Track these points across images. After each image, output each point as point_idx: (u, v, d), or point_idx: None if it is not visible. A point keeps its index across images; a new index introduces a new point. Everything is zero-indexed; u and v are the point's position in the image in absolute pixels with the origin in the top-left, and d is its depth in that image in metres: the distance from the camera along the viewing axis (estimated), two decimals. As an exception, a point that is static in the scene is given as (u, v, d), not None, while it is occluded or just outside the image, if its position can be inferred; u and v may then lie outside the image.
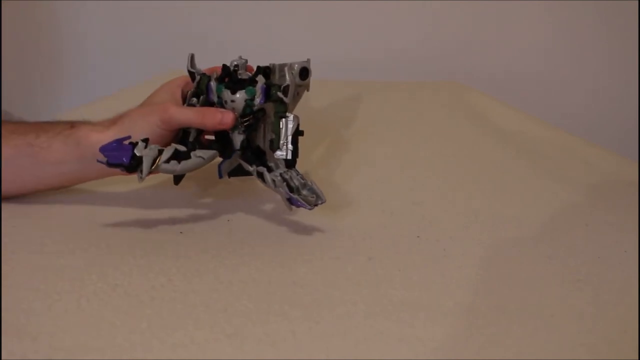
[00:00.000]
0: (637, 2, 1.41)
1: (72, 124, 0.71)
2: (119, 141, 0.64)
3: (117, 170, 0.64)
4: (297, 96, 0.73)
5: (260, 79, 0.69)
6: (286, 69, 0.71)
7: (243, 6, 1.36)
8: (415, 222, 0.75)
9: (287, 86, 0.69)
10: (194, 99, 0.72)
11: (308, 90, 0.74)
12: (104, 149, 0.63)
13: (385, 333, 0.54)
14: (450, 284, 0.62)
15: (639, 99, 1.47)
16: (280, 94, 0.69)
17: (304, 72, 0.72)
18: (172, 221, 0.72)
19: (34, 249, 0.63)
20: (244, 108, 0.69)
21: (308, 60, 0.72)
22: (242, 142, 0.70)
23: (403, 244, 0.70)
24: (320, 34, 1.41)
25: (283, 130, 0.69)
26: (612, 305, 0.60)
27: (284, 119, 0.69)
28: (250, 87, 0.69)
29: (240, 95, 0.69)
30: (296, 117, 0.69)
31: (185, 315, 0.54)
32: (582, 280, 0.64)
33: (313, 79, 0.73)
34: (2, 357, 0.47)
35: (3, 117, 1.02)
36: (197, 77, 0.72)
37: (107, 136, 0.68)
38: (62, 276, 0.59)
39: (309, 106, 1.04)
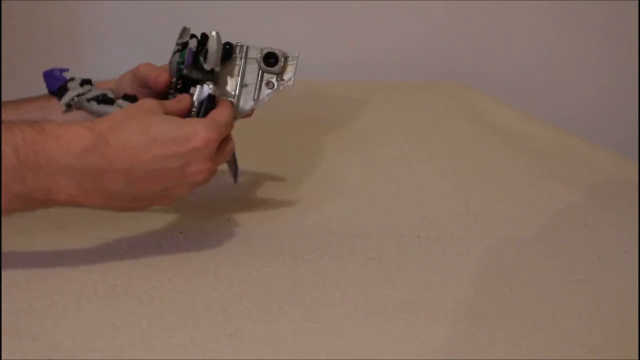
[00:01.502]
0: (637, 2, 1.40)
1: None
2: (60, 70, 0.69)
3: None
4: (269, 87, 0.69)
5: (192, 42, 0.68)
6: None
7: (243, 6, 1.36)
8: (415, 222, 0.75)
9: (206, 51, 0.66)
10: None
11: (291, 87, 0.69)
12: (45, 74, 0.69)
13: (385, 333, 0.54)
14: (450, 284, 0.62)
15: (639, 99, 1.46)
16: (202, 59, 0.67)
17: (270, 57, 0.68)
18: (172, 221, 0.72)
19: (35, 248, 0.63)
20: (176, 71, 0.68)
21: (297, 54, 0.69)
22: None
23: (403, 244, 0.70)
24: (320, 34, 1.41)
25: (195, 97, 0.65)
26: (612, 305, 0.60)
27: (198, 87, 0.66)
28: (184, 50, 0.68)
29: (175, 57, 0.69)
30: (212, 88, 0.66)
31: (185, 315, 0.54)
32: (582, 280, 0.64)
33: (313, 79, 0.72)
34: (2, 357, 0.47)
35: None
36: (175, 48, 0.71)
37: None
38: (62, 276, 0.59)
39: (309, 106, 1.03)
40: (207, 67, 0.67)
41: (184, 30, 0.72)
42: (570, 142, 1.07)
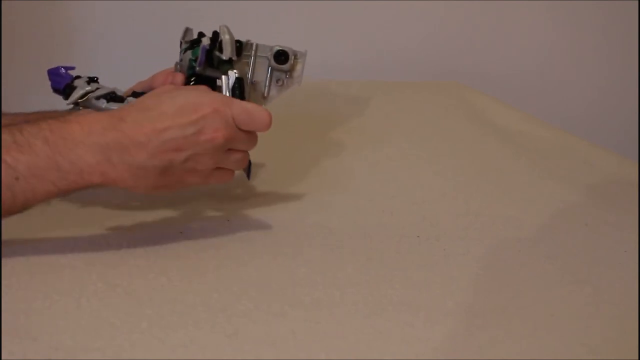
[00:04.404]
0: (637, 2, 1.40)
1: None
2: (65, 68, 0.69)
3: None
4: (278, 84, 0.71)
5: (205, 40, 0.69)
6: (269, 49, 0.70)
7: (242, 6, 1.36)
8: (415, 222, 0.75)
9: (221, 42, 0.68)
10: None
11: (299, 84, 0.71)
12: (50, 72, 0.69)
13: (385, 333, 0.54)
14: (450, 284, 0.62)
15: (639, 99, 1.46)
16: (217, 53, 0.68)
17: (281, 56, 0.70)
18: (172, 221, 0.72)
19: (35, 249, 0.63)
20: (188, 68, 0.69)
21: (305, 52, 0.70)
22: None
23: (403, 244, 0.70)
24: (320, 34, 1.41)
25: (223, 87, 0.67)
26: (612, 305, 0.60)
27: (223, 77, 0.67)
28: (197, 47, 0.69)
29: (186, 55, 0.70)
30: (237, 73, 0.67)
31: (185, 315, 0.54)
32: (582, 280, 0.64)
33: (312, 79, 0.72)
34: (2, 357, 0.47)
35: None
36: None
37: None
38: (62, 276, 0.59)
39: (308, 106, 1.03)
40: (224, 57, 0.68)
41: (187, 30, 0.73)
42: (570, 142, 1.07)
